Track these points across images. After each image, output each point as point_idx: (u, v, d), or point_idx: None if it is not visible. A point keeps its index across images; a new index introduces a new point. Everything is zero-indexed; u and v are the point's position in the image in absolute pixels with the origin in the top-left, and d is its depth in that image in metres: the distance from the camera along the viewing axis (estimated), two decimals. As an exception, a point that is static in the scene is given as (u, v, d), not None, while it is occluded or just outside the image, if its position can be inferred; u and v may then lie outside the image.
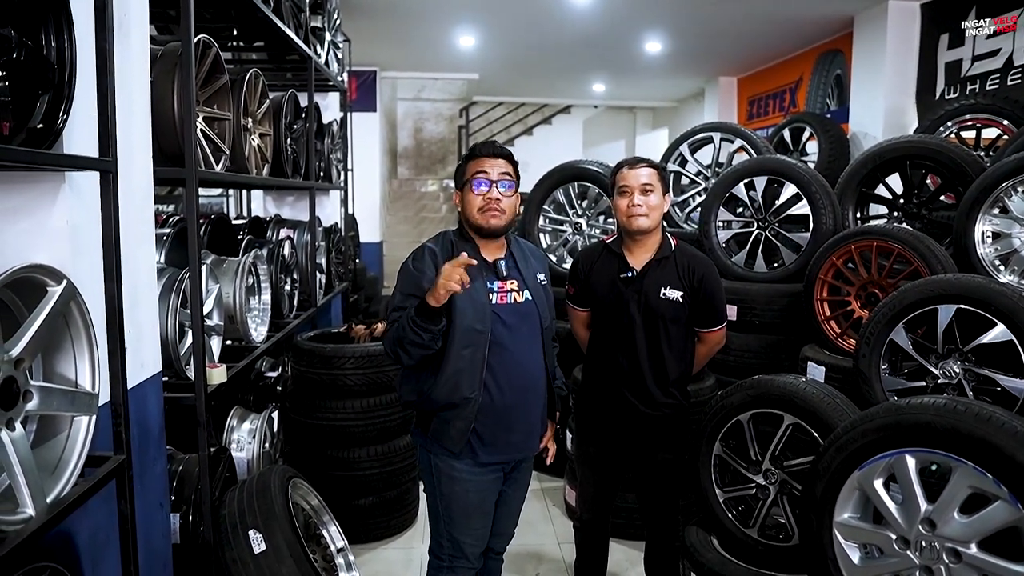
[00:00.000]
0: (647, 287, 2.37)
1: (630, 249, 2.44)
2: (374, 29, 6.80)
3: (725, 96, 9.49)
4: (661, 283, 2.37)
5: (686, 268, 2.38)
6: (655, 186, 2.37)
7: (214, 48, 2.46)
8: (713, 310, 2.41)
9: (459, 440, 2.05)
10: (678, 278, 2.37)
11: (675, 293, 2.35)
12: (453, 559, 2.18)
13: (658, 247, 2.42)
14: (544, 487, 4.11)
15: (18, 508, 1.37)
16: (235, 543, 2.29)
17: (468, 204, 2.09)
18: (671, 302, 2.35)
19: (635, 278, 2.39)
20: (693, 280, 2.37)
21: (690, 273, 2.37)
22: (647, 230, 2.38)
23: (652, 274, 2.38)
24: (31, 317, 1.43)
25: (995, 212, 3.03)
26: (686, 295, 2.36)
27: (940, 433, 1.56)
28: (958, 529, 1.56)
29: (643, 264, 2.40)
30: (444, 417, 2.07)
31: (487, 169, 2.07)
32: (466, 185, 2.10)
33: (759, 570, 2.21)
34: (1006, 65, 4.78)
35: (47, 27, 1.48)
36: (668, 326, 2.37)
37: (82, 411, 1.57)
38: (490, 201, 2.05)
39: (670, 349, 2.38)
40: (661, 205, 2.39)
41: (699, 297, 2.38)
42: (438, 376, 2.03)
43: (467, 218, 2.12)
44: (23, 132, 1.42)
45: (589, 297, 2.53)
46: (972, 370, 2.42)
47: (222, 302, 2.77)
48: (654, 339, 2.37)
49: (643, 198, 2.35)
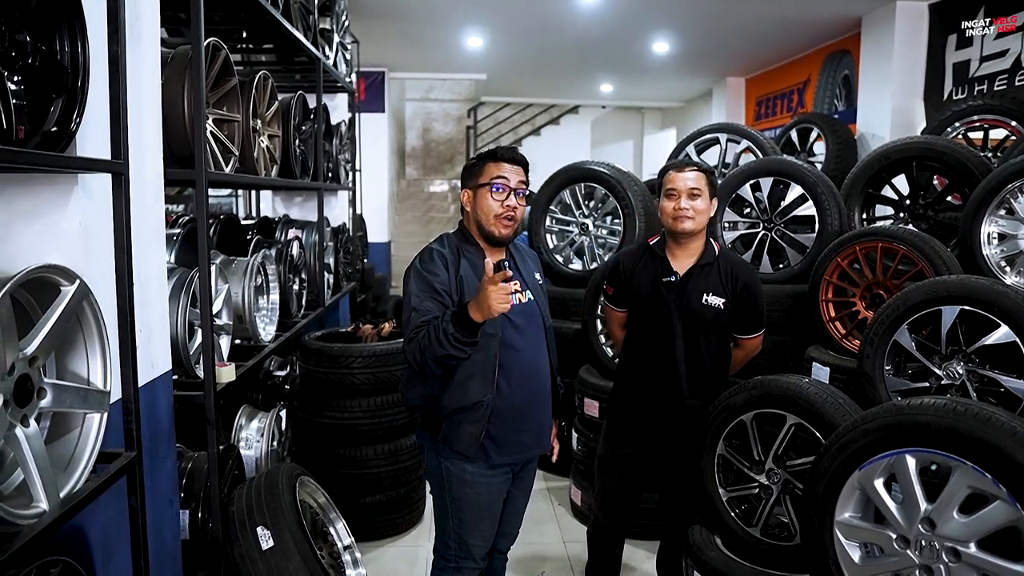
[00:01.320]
0: (690, 292, 2.38)
1: (673, 253, 2.44)
2: (382, 30, 6.84)
3: (733, 96, 9.49)
4: (704, 289, 2.37)
5: (730, 275, 2.39)
6: (702, 190, 2.36)
7: (224, 51, 2.49)
8: (754, 317, 2.44)
9: (473, 444, 2.04)
10: (721, 284, 2.38)
11: (717, 300, 2.36)
12: (459, 560, 2.20)
13: (702, 252, 2.42)
14: (549, 486, 4.13)
15: (32, 503, 1.40)
16: (243, 539, 2.32)
17: (484, 207, 2.05)
18: (713, 308, 2.36)
19: (678, 283, 2.39)
20: (736, 287, 2.38)
21: (733, 280, 2.38)
22: (692, 232, 2.37)
23: (695, 279, 2.39)
24: (45, 316, 1.46)
25: (1001, 213, 3.03)
26: (728, 302, 2.37)
27: (940, 433, 1.58)
28: (957, 529, 1.57)
29: (686, 269, 2.40)
30: (456, 421, 2.05)
31: (508, 175, 2.05)
32: (483, 187, 2.05)
33: (762, 569, 2.23)
34: (1014, 66, 4.76)
35: (61, 32, 1.51)
36: (708, 331, 2.38)
37: (94, 408, 1.61)
38: (507, 209, 2.04)
39: (709, 354, 2.40)
40: (708, 209, 2.38)
41: (741, 303, 2.39)
42: (450, 380, 2.02)
43: (479, 221, 2.08)
44: (38, 135, 1.46)
45: (629, 298, 2.53)
46: (976, 371, 2.42)
47: (231, 301, 2.81)
48: (693, 343, 2.38)
49: (690, 202, 2.34)
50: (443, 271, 2.02)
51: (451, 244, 2.11)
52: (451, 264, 2.04)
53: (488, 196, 2.04)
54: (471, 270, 2.05)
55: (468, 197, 2.11)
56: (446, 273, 2.02)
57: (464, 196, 2.13)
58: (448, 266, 2.04)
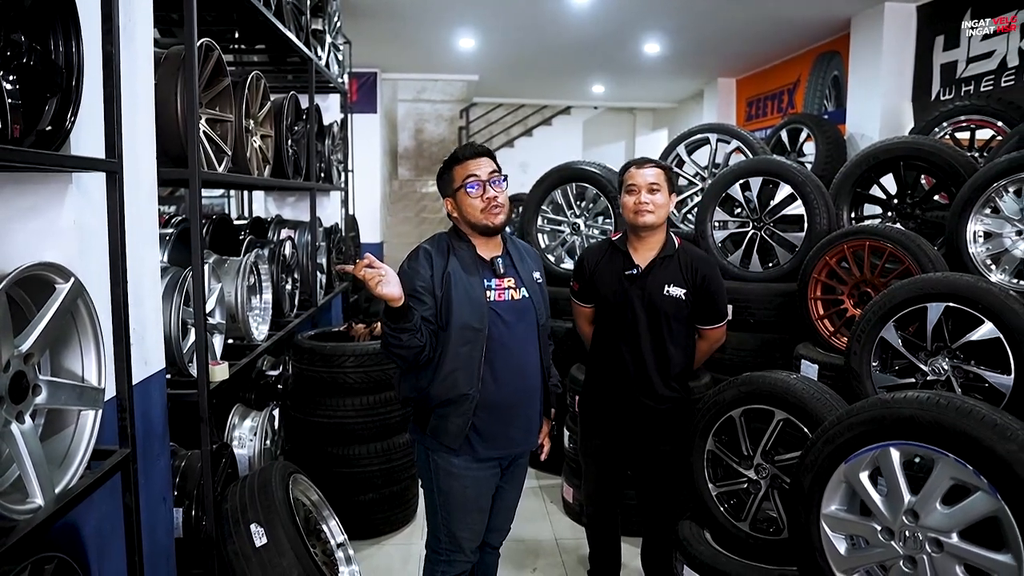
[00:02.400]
0: (651, 284, 2.45)
1: (635, 247, 2.52)
2: (375, 31, 6.85)
3: (724, 97, 9.54)
4: (665, 281, 2.44)
5: (689, 266, 2.46)
6: (661, 185, 2.45)
7: (216, 51, 2.51)
8: (714, 308, 2.49)
9: (458, 436, 2.08)
10: (681, 276, 2.45)
11: (678, 291, 2.43)
12: (450, 553, 2.22)
13: (662, 245, 2.49)
14: (542, 484, 4.15)
15: (27, 498, 1.41)
16: (237, 537, 2.33)
17: (468, 208, 2.10)
18: (674, 299, 2.43)
19: (639, 275, 2.47)
20: (696, 278, 2.44)
21: (693, 271, 2.45)
22: (652, 226, 2.45)
23: (656, 272, 2.46)
24: (40, 313, 1.47)
25: (987, 212, 3.07)
26: (688, 293, 2.44)
27: (923, 426, 1.61)
28: (940, 520, 1.60)
29: (647, 262, 2.48)
30: (441, 413, 2.10)
31: (476, 171, 2.10)
32: (459, 191, 2.11)
33: (750, 563, 2.25)
34: (1000, 67, 4.82)
35: (55, 32, 1.53)
36: (671, 322, 2.44)
37: (89, 405, 1.62)
38: (490, 200, 2.09)
39: (673, 344, 2.45)
40: (667, 204, 2.47)
41: (701, 295, 2.45)
42: (436, 373, 2.07)
43: (469, 221, 2.12)
44: (32, 134, 1.47)
45: (594, 293, 2.59)
46: (960, 367, 2.46)
47: (224, 301, 2.82)
48: (657, 335, 2.45)
49: (650, 196, 2.43)
50: (426, 269, 2.07)
51: (441, 243, 2.16)
52: (438, 262, 2.08)
53: (467, 198, 2.10)
54: (459, 266, 2.09)
55: (451, 205, 2.17)
56: (429, 271, 2.07)
57: (448, 205, 2.19)
58: (434, 264, 2.08)
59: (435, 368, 2.07)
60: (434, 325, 2.06)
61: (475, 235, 2.15)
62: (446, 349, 2.04)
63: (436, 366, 2.07)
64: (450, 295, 2.04)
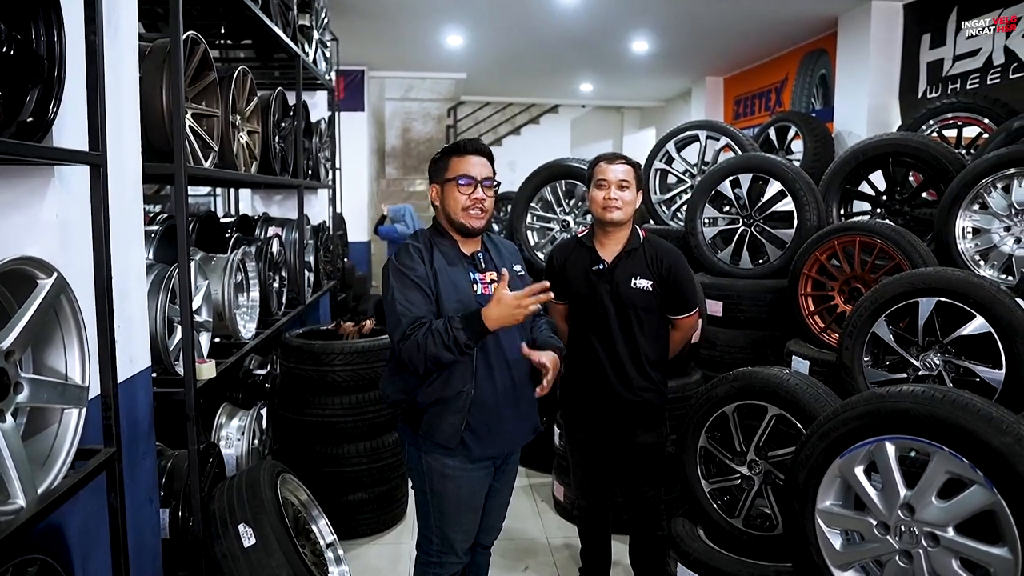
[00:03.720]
0: (618, 278, 2.48)
1: (601, 242, 2.55)
2: (362, 28, 6.80)
3: (712, 96, 9.56)
4: (631, 273, 2.48)
5: (654, 258, 2.50)
6: (630, 183, 2.49)
7: (202, 45, 2.46)
8: (682, 297, 2.52)
9: (454, 436, 2.04)
10: (647, 268, 2.48)
11: (645, 282, 2.47)
12: (442, 555, 2.19)
13: (627, 239, 2.53)
14: (532, 483, 4.13)
15: (8, 499, 1.38)
16: (225, 537, 2.29)
17: (452, 201, 2.07)
18: (641, 291, 2.46)
19: (606, 270, 2.50)
20: (662, 269, 2.48)
21: (658, 263, 2.49)
22: (620, 223, 2.49)
23: (622, 265, 2.49)
24: (22, 309, 1.43)
25: (975, 208, 3.09)
26: (656, 284, 2.47)
27: (919, 420, 1.60)
28: (936, 513, 1.60)
29: (614, 256, 2.52)
30: (437, 412, 2.05)
31: (473, 169, 2.07)
32: (450, 182, 2.08)
33: (744, 559, 2.24)
34: (986, 65, 4.85)
35: (36, 20, 1.49)
36: (640, 314, 2.48)
37: (72, 404, 1.58)
38: (476, 201, 2.06)
39: (644, 336, 2.48)
40: (634, 201, 2.51)
41: (668, 285, 2.49)
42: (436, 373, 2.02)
43: (448, 215, 2.10)
44: (13, 126, 1.43)
45: (565, 290, 2.60)
46: (952, 361, 2.47)
47: (211, 298, 2.77)
48: (627, 327, 2.48)
49: (619, 193, 2.46)
50: (420, 264, 2.04)
51: (424, 238, 2.13)
52: (425, 257, 2.05)
53: (455, 190, 2.06)
54: (444, 262, 2.07)
55: (436, 192, 2.13)
56: (423, 266, 2.03)
57: (432, 191, 2.15)
58: (423, 259, 2.05)
59: None
60: None
61: (453, 231, 2.13)
62: None
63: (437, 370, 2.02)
64: (438, 291, 2.02)
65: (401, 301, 1.97)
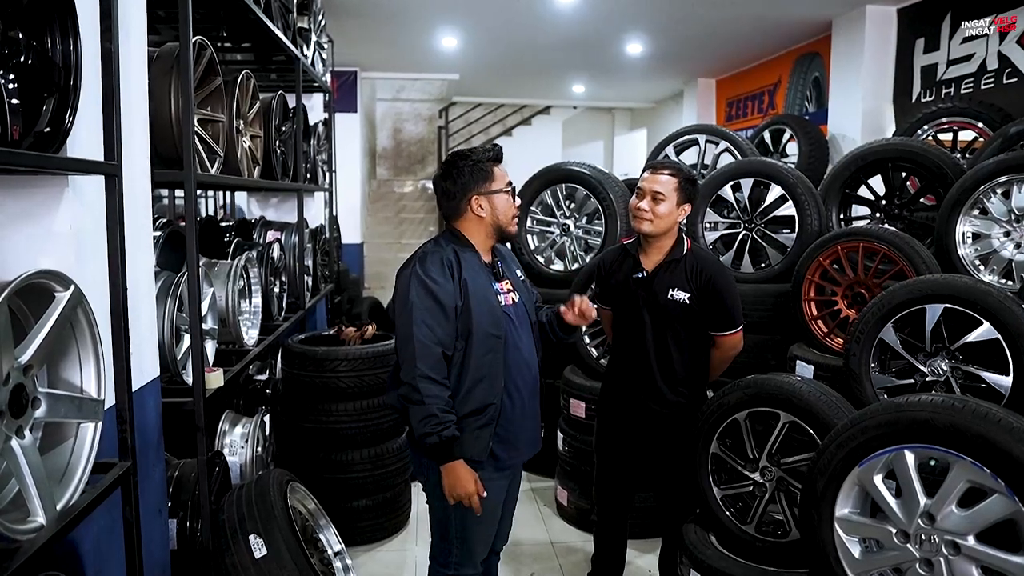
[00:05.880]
0: (656, 288, 2.45)
1: (644, 251, 2.53)
2: (357, 30, 6.77)
3: (704, 97, 9.58)
4: (670, 284, 2.43)
5: (695, 270, 2.44)
6: (668, 196, 2.41)
7: (209, 50, 2.44)
8: (723, 312, 2.45)
9: (485, 448, 2.03)
10: (686, 280, 2.43)
11: (683, 295, 2.42)
12: (460, 566, 2.17)
13: (670, 250, 2.48)
14: (534, 487, 4.12)
15: (28, 517, 1.35)
16: (235, 548, 2.27)
17: (502, 211, 2.09)
18: (678, 303, 2.42)
19: (645, 279, 2.48)
20: (700, 281, 2.42)
21: (698, 275, 2.43)
22: (648, 235, 2.45)
23: (662, 276, 2.46)
24: (39, 323, 1.41)
25: (975, 214, 3.12)
26: (693, 296, 2.42)
27: (939, 430, 1.61)
28: (956, 522, 1.61)
29: (655, 265, 2.48)
30: (466, 426, 2.01)
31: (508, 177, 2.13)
32: (499, 193, 2.09)
33: (756, 565, 2.25)
34: (980, 69, 4.90)
35: (52, 29, 1.46)
36: (676, 327, 2.44)
37: (88, 418, 1.56)
38: (518, 209, 2.15)
39: (678, 349, 2.45)
40: (672, 214, 2.43)
41: (707, 299, 2.43)
42: (460, 386, 2.00)
43: (497, 223, 2.10)
44: (31, 136, 1.41)
45: (609, 296, 2.61)
46: (959, 367, 2.48)
47: (215, 305, 2.75)
48: (662, 339, 2.45)
49: (651, 204, 2.41)
50: (448, 281, 1.98)
51: (448, 248, 2.07)
52: (453, 269, 2.02)
53: (506, 200, 2.10)
54: (474, 273, 2.05)
55: (480, 204, 2.08)
56: (450, 282, 1.99)
57: (475, 203, 2.07)
58: (452, 272, 2.01)
59: (458, 382, 2.00)
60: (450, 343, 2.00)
61: (480, 240, 2.12)
62: (468, 360, 1.99)
63: (459, 380, 2.00)
64: (469, 304, 1.99)
65: (420, 324, 1.93)
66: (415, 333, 1.92)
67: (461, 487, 1.96)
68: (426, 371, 1.91)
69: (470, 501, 1.98)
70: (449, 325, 1.97)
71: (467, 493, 1.97)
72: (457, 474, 1.96)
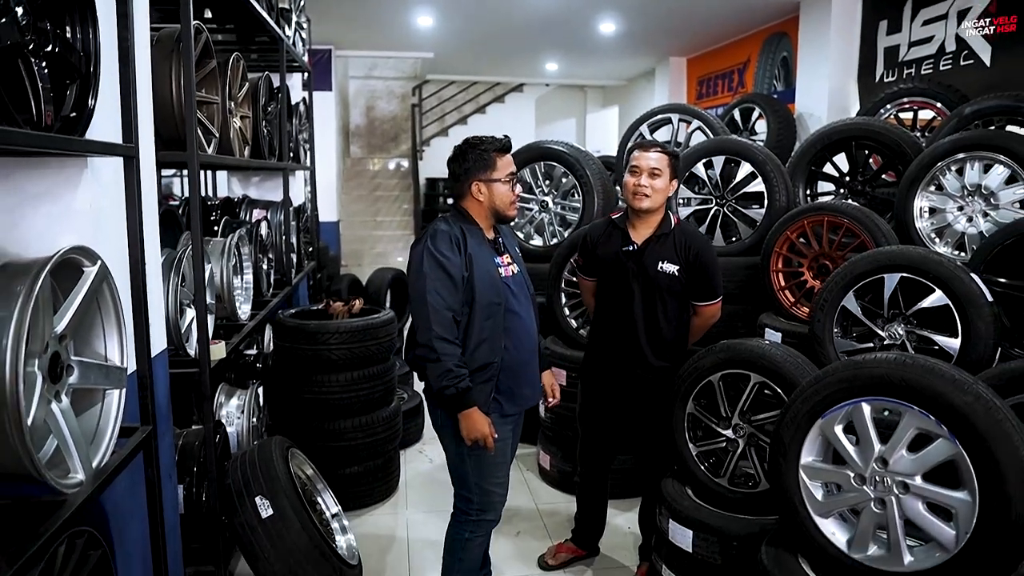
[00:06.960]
0: (646, 260, 2.60)
1: (633, 225, 2.67)
2: (333, 8, 6.76)
3: (675, 76, 9.73)
4: (659, 257, 2.59)
5: (683, 244, 2.61)
6: (663, 171, 2.58)
7: (204, 33, 2.51)
8: (707, 284, 2.65)
9: (487, 400, 2.27)
10: (675, 253, 2.59)
11: (672, 267, 2.58)
12: (481, 513, 2.39)
13: (659, 224, 2.63)
14: (518, 454, 4.28)
15: (69, 474, 1.47)
16: (242, 509, 2.40)
17: (502, 197, 2.30)
18: (667, 275, 2.58)
19: (636, 252, 2.62)
20: (689, 255, 2.59)
21: (686, 249, 2.60)
22: (648, 210, 2.60)
23: (651, 249, 2.61)
24: (72, 295, 1.51)
25: (931, 190, 3.32)
26: (681, 269, 2.59)
27: (892, 384, 1.80)
28: (906, 465, 1.80)
29: (644, 239, 2.63)
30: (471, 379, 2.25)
31: (511, 167, 2.30)
32: (499, 181, 2.28)
33: (730, 514, 2.44)
34: (939, 51, 5.11)
35: (73, 18, 1.55)
36: (664, 297, 2.60)
37: (115, 384, 1.66)
38: (517, 196, 2.34)
39: (665, 318, 2.62)
40: (666, 189, 2.60)
41: (694, 271, 2.61)
42: (465, 347, 2.23)
43: (496, 208, 2.30)
44: (58, 120, 1.50)
45: (596, 268, 2.75)
46: (914, 332, 2.69)
47: (212, 281, 2.84)
48: (651, 308, 2.61)
49: (650, 180, 2.56)
50: (455, 255, 2.21)
51: (455, 226, 2.29)
52: (460, 245, 2.23)
53: (506, 188, 2.29)
54: (477, 248, 2.27)
55: (481, 189, 2.29)
56: (458, 255, 2.21)
57: (475, 188, 2.29)
58: (459, 247, 2.22)
59: (463, 343, 2.23)
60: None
61: (482, 219, 2.32)
62: (472, 324, 2.21)
63: (464, 341, 2.23)
64: (473, 275, 2.21)
65: (432, 292, 2.16)
66: (429, 300, 2.16)
67: (477, 429, 2.20)
68: (441, 332, 2.15)
69: (485, 442, 2.20)
70: (458, 293, 2.20)
71: (483, 434, 2.21)
72: (473, 419, 2.20)
